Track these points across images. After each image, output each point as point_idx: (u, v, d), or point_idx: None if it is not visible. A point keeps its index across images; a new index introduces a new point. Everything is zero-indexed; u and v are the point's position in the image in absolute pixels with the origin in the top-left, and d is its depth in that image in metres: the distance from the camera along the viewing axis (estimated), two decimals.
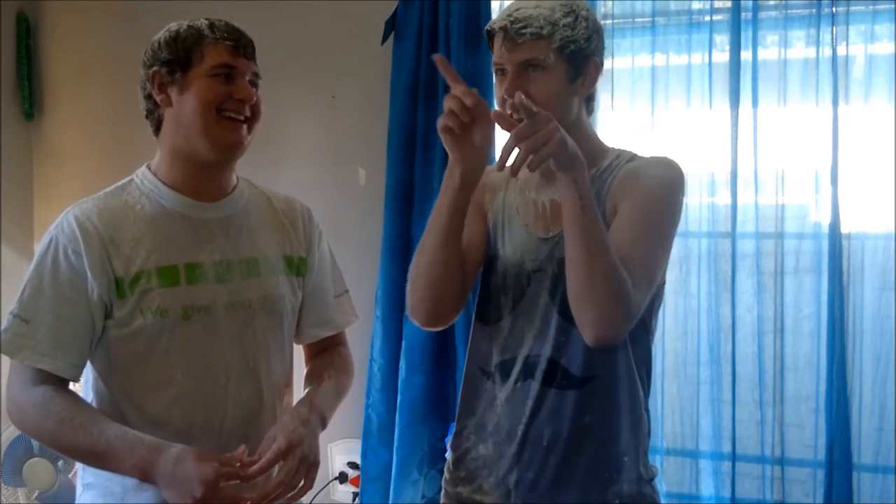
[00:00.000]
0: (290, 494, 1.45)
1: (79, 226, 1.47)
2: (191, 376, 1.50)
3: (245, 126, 1.51)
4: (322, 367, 1.66)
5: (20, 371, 1.47)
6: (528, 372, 1.53)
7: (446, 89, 2.98)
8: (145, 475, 1.39)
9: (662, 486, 2.76)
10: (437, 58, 1.44)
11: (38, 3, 3.44)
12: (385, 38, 2.98)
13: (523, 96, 1.34)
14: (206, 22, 1.52)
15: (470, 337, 1.65)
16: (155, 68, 1.51)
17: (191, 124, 1.48)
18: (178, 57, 1.49)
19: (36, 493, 2.96)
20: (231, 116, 1.49)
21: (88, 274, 1.45)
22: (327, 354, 1.72)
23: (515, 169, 1.32)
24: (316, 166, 3.15)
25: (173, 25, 1.53)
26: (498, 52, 1.48)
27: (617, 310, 1.39)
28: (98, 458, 1.43)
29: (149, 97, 1.53)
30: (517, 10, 1.46)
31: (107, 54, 3.34)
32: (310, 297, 1.67)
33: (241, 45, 1.52)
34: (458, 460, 1.64)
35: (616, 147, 1.60)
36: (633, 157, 1.56)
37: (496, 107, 1.51)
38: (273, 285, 1.59)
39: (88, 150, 3.40)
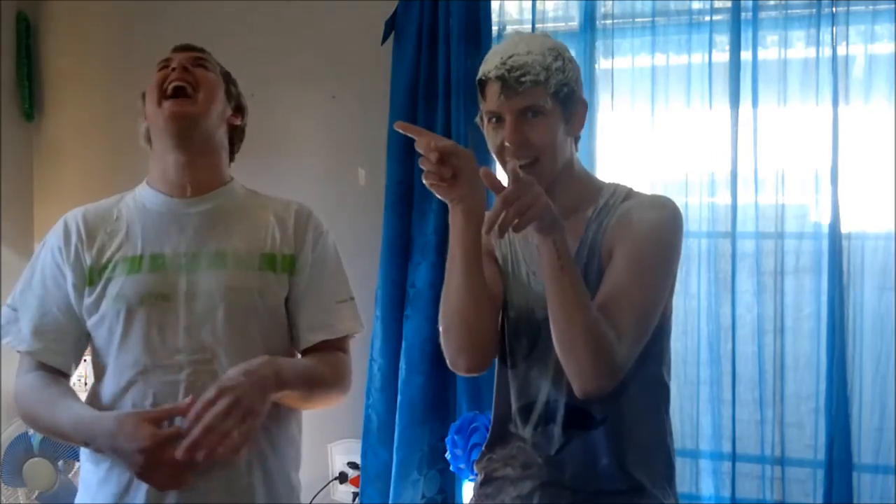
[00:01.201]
0: (223, 447, 1.39)
1: (64, 225, 1.64)
2: (145, 363, 1.53)
3: (190, 101, 1.60)
4: (309, 356, 1.66)
5: (21, 361, 1.62)
6: (548, 417, 1.54)
7: (447, 89, 3.01)
8: (98, 451, 1.50)
9: None
10: (398, 124, 1.49)
11: (38, 3, 3.44)
12: (385, 38, 2.97)
13: (517, 165, 1.36)
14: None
15: (496, 377, 1.65)
16: (140, 103, 1.69)
17: (151, 120, 1.64)
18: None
19: (36, 493, 2.96)
20: (175, 85, 1.59)
21: (66, 267, 1.58)
22: (321, 353, 1.67)
23: (502, 230, 1.32)
24: (316, 166, 3.15)
25: None
26: (495, 101, 1.47)
27: (597, 366, 1.40)
28: (64, 438, 1.59)
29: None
30: (510, 57, 1.46)
31: (107, 54, 3.34)
32: (303, 299, 1.65)
33: (183, 48, 1.69)
34: (485, 480, 1.65)
35: (611, 182, 1.60)
36: (628, 195, 1.56)
37: (492, 152, 1.52)
38: (238, 278, 1.59)
39: (88, 150, 3.40)
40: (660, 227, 1.50)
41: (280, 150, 3.13)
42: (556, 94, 1.46)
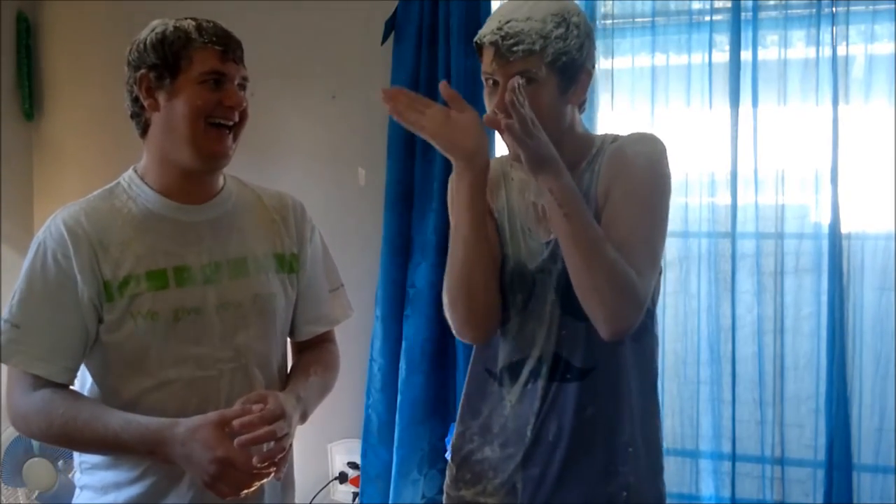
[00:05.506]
0: (271, 467, 1.41)
1: (67, 229, 1.46)
2: (184, 375, 1.49)
3: (231, 135, 1.50)
4: (310, 363, 1.66)
5: (18, 378, 1.47)
6: (536, 372, 1.53)
7: None
8: (164, 461, 1.41)
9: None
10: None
11: (38, 3, 3.44)
12: (385, 38, 2.98)
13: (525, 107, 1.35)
14: (194, 24, 1.49)
15: None
16: (142, 71, 1.48)
17: (178, 131, 1.46)
18: (165, 61, 1.46)
19: (36, 493, 2.96)
20: (219, 123, 1.47)
21: (78, 277, 1.44)
22: (316, 350, 1.70)
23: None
24: (316, 166, 3.15)
25: (158, 26, 1.50)
26: (489, 65, 1.46)
27: (625, 303, 1.40)
28: (114, 452, 1.46)
29: (136, 100, 1.51)
30: (507, 22, 1.43)
31: (107, 54, 3.34)
32: (304, 293, 1.66)
33: (230, 49, 1.49)
34: (462, 463, 1.62)
35: (601, 133, 1.61)
36: (616, 138, 1.56)
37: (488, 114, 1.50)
38: (263, 283, 1.57)
39: (88, 150, 3.40)
40: (654, 159, 1.51)
41: (280, 150, 3.13)
42: (552, 63, 1.44)
